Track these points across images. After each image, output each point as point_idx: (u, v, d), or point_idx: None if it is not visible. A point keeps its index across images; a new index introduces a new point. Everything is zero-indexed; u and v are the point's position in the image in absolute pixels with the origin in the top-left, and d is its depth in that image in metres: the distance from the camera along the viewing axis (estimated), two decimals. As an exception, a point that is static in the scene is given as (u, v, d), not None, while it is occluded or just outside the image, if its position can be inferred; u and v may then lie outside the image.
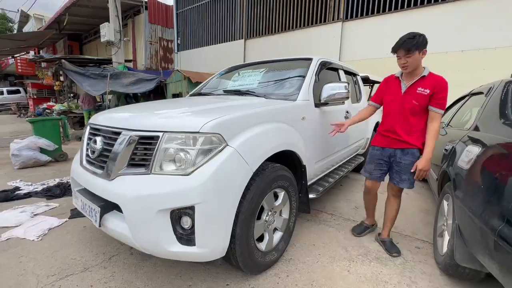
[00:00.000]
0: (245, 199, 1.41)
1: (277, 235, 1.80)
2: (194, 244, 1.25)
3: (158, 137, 1.32)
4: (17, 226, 2.25)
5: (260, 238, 1.67)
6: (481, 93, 2.09)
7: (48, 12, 12.74)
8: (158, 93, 7.82)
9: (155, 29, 9.62)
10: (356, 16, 5.74)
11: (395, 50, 1.71)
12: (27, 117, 12.12)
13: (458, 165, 1.56)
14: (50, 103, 8.91)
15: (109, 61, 8.25)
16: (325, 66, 2.60)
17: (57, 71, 7.77)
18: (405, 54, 1.65)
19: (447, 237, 1.68)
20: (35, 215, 2.46)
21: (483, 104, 1.83)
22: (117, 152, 1.42)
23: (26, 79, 15.93)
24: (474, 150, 1.44)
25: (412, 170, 1.76)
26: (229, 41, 8.09)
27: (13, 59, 14.60)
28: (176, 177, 1.26)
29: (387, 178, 2.03)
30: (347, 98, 2.15)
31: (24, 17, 16.76)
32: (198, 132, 1.28)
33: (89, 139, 1.67)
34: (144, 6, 9.28)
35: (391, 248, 1.94)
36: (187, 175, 1.25)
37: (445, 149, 2.06)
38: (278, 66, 2.68)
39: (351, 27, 5.77)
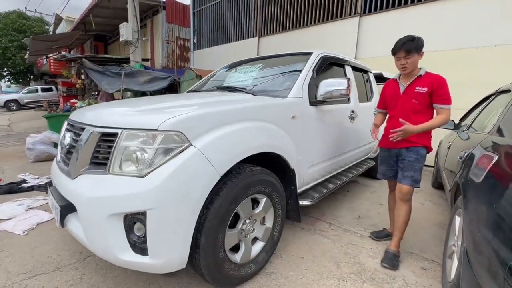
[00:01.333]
0: (213, 205, 1.27)
1: (258, 246, 1.63)
2: (147, 254, 1.12)
3: (117, 134, 1.21)
4: (10, 219, 2.29)
5: (237, 249, 1.52)
6: (508, 90, 1.76)
7: (77, 15, 13.48)
8: (173, 91, 7.92)
9: (172, 28, 9.77)
10: (375, 10, 5.35)
11: (395, 51, 1.73)
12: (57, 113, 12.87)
13: (470, 177, 1.29)
14: (74, 100, 9.38)
15: (127, 60, 8.49)
16: (327, 61, 2.38)
17: (79, 69, 8.14)
18: (405, 55, 1.68)
19: (456, 261, 1.42)
20: (30, 208, 2.50)
21: (509, 103, 1.52)
22: (79, 149, 1.34)
23: (58, 77, 17.03)
24: (488, 161, 1.17)
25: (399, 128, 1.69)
26: (243, 39, 7.98)
27: (46, 59, 15.61)
28: (131, 179, 1.14)
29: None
30: (347, 95, 1.92)
31: (58, 20, 17.90)
32: (156, 130, 1.16)
33: (64, 135, 1.61)
34: (162, 6, 9.46)
35: (388, 260, 1.75)
36: (142, 177, 1.13)
37: (459, 156, 1.76)
38: (276, 62, 2.50)
39: (369, 22, 5.39)
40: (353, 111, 2.60)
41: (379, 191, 3.28)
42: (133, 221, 1.15)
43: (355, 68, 2.96)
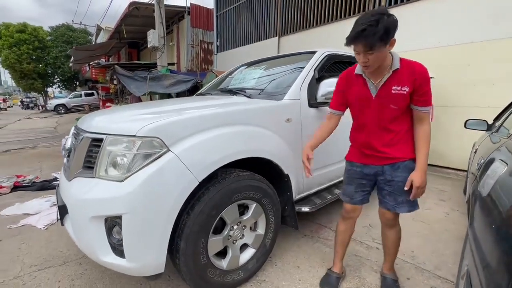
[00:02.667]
0: (193, 211, 1.26)
1: (247, 253, 1.59)
2: (124, 257, 1.15)
3: (102, 139, 1.27)
4: (36, 213, 2.53)
5: (224, 254, 1.50)
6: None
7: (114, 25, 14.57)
8: (196, 92, 8.19)
9: (197, 32, 10.10)
10: (401, 1, 4.95)
11: (349, 42, 1.15)
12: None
13: (478, 188, 1.11)
14: (108, 104, 10.20)
15: (155, 65, 8.97)
16: (333, 60, 2.25)
17: (112, 75, 8.78)
18: (365, 50, 1.12)
19: (468, 284, 1.24)
20: (54, 205, 2.74)
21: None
22: (74, 152, 1.43)
23: (99, 83, 18.62)
24: (499, 170, 1.00)
25: (406, 189, 1.28)
26: (264, 39, 7.94)
27: (89, 67, 17.11)
28: (112, 183, 1.18)
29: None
30: (349, 96, 1.79)
31: (98, 30, 19.60)
32: (135, 136, 1.18)
33: (67, 140, 1.74)
34: (187, 11, 9.82)
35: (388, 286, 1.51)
36: (121, 181, 1.16)
37: (477, 163, 1.54)
38: (280, 63, 2.44)
39: (395, 14, 5.02)
40: (364, 112, 2.43)
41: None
42: (113, 224, 1.19)
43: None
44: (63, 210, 1.42)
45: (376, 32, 1.06)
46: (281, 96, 1.79)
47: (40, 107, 28.22)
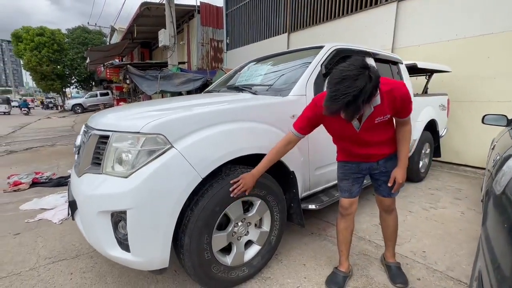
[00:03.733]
0: (197, 207, 1.27)
1: (253, 250, 1.59)
2: (129, 251, 1.18)
3: (109, 136, 1.29)
4: (52, 209, 2.64)
5: (229, 251, 1.50)
6: None
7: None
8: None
9: (207, 31, 10.15)
10: (416, -8, 4.76)
11: (330, 114, 1.10)
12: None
13: (493, 186, 1.05)
14: (122, 103, 10.47)
15: (166, 64, 9.11)
16: (342, 54, 2.19)
17: (125, 75, 8.99)
18: (352, 118, 1.10)
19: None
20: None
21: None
22: (83, 149, 1.47)
23: (114, 83, 19.15)
24: (514, 166, 0.94)
25: (389, 184, 1.41)
26: (273, 36, 7.88)
27: (104, 67, 17.60)
28: (117, 179, 1.21)
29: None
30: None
31: (112, 31, 20.10)
32: (138, 133, 1.20)
33: (77, 138, 1.79)
34: (197, 10, 9.89)
35: (396, 276, 1.55)
36: (126, 177, 1.18)
37: (493, 159, 1.46)
38: (287, 59, 2.40)
39: (409, 6, 4.82)
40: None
41: (410, 196, 2.93)
42: (119, 219, 1.22)
43: (380, 60, 2.68)
44: (73, 205, 1.47)
45: (357, 106, 1.01)
46: (287, 92, 1.77)
47: (59, 107, 29.37)
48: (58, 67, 22.98)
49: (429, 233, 2.14)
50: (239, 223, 1.50)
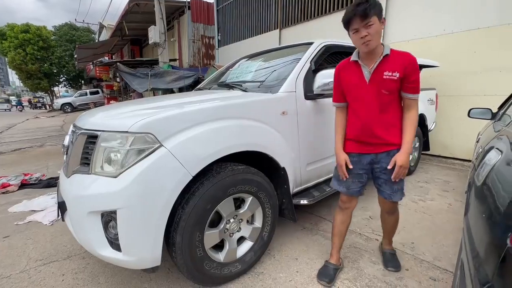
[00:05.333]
0: (188, 205, 1.28)
1: (245, 246, 1.61)
2: (120, 250, 1.18)
3: (97, 136, 1.28)
4: (42, 210, 2.60)
5: (222, 247, 1.52)
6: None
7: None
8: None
9: (197, 27, 10.03)
10: (405, -13, 4.81)
11: (348, 20, 1.24)
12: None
13: (474, 178, 1.09)
14: (112, 102, 10.30)
15: (156, 62, 8.98)
16: (331, 50, 2.21)
17: (115, 73, 8.84)
18: (364, 22, 1.19)
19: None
20: (59, 201, 2.81)
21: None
22: (71, 149, 1.46)
23: (104, 81, 18.78)
24: (494, 159, 0.97)
25: (389, 167, 1.35)
26: (265, 32, 7.85)
27: (93, 65, 17.25)
28: (106, 179, 1.20)
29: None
30: (346, 87, 1.76)
31: (101, 28, 19.66)
32: (127, 132, 1.19)
33: (65, 138, 1.76)
34: (187, 6, 9.75)
35: (389, 261, 1.64)
36: (115, 177, 1.18)
37: (476, 152, 1.51)
38: (277, 55, 2.41)
39: (397, 2, 4.88)
40: (363, 103, 2.39)
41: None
42: (109, 219, 1.21)
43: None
44: (62, 206, 1.46)
45: (369, 4, 1.18)
46: (277, 89, 1.78)
47: (48, 107, 28.70)
48: (45, 65, 22.38)
49: (418, 225, 2.21)
50: (231, 220, 1.52)
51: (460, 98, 4.21)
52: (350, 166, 1.44)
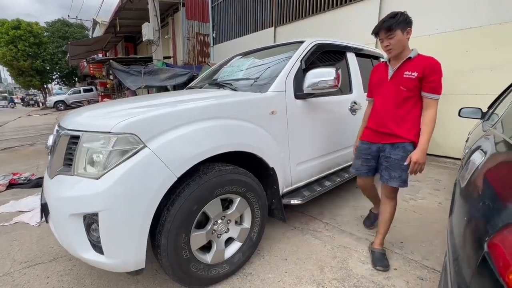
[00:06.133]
0: (173, 206, 1.26)
1: (233, 247, 1.60)
2: (103, 253, 1.16)
3: (79, 136, 1.25)
4: (29, 211, 2.55)
5: (209, 248, 1.50)
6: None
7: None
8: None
9: (192, 24, 9.92)
10: (398, -14, 4.81)
11: (376, 32, 1.54)
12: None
13: (459, 179, 1.09)
14: (106, 99, 10.17)
15: (150, 59, 8.88)
16: (323, 49, 2.20)
17: (108, 70, 8.72)
18: (387, 34, 1.47)
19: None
20: (48, 201, 2.76)
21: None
22: (55, 150, 1.42)
23: (97, 79, 18.53)
24: (477, 160, 0.97)
25: (406, 163, 1.52)
26: (259, 30, 7.80)
27: (86, 62, 17.00)
28: (88, 180, 1.17)
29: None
30: (336, 87, 1.75)
31: (94, 25, 19.37)
32: (109, 133, 1.16)
33: (49, 138, 1.73)
34: (181, 3, 9.63)
35: (378, 261, 1.66)
36: (97, 178, 1.15)
37: (463, 152, 1.51)
38: (268, 53, 2.39)
39: (392, 1, 4.88)
40: (355, 102, 2.39)
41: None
42: (91, 222, 1.19)
43: (361, 55, 2.70)
44: (45, 208, 1.42)
45: (394, 21, 1.44)
46: (266, 88, 1.76)
47: (41, 104, 28.26)
48: (37, 62, 21.98)
49: (408, 224, 2.22)
50: (219, 221, 1.50)
51: (452, 97, 4.23)
52: (354, 153, 1.89)
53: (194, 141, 1.30)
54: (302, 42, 2.14)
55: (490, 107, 2.49)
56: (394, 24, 1.42)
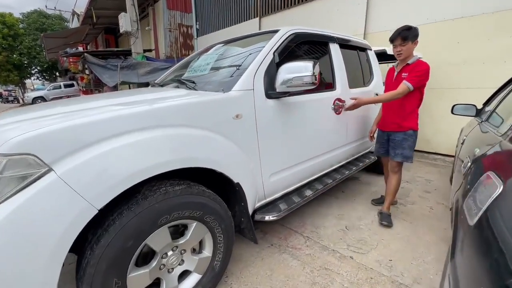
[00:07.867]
0: (99, 244, 0.96)
1: (190, 280, 1.32)
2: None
3: (-35, 157, 0.93)
4: None
5: (158, 286, 1.22)
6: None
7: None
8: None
9: (174, 15, 9.37)
10: (387, -27, 4.52)
11: (392, 39, 1.90)
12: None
13: (463, 209, 0.83)
14: (83, 95, 9.60)
15: (129, 52, 8.36)
16: (301, 39, 1.90)
17: (83, 64, 8.17)
18: (401, 42, 1.84)
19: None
20: None
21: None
22: None
23: (77, 73, 17.64)
24: (491, 188, 0.71)
25: (351, 97, 2.13)
26: (244, 21, 7.40)
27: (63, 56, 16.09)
28: (-28, 219, 0.86)
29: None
30: (313, 84, 1.47)
31: (73, 16, 18.33)
32: (-4, 153, 0.85)
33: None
34: (161, -9, 9.06)
35: (384, 218, 2.09)
36: (-21, 217, 0.84)
37: (464, 164, 1.26)
38: (239, 45, 2.07)
39: (381, -11, 4.60)
40: (338, 100, 2.12)
41: (382, 191, 2.79)
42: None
43: (346, 46, 2.43)
44: None
45: (409, 33, 1.82)
46: (230, 86, 1.46)
47: (21, 100, 26.93)
48: (14, 56, 20.77)
49: (397, 235, 1.99)
50: (169, 253, 1.22)
51: (443, 91, 4.03)
52: (374, 139, 2.43)
53: (124, 160, 0.99)
54: (276, 31, 1.83)
55: (485, 104, 2.27)
56: (409, 35, 1.81)
